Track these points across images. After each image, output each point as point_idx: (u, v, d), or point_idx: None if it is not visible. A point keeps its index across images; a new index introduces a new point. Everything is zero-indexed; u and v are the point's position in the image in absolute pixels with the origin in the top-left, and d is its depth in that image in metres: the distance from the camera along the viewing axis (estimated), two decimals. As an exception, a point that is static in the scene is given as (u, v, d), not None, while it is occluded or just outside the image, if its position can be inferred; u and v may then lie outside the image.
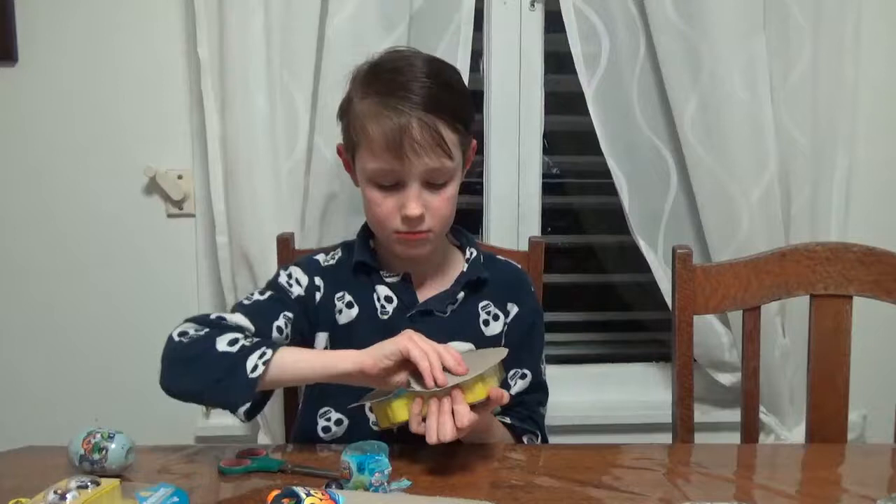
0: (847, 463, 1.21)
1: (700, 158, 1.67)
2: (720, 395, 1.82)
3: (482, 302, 1.30)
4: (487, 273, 1.30)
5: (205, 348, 1.09)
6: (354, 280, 1.28)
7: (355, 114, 1.19)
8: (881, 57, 1.77)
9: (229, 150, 1.60)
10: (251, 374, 1.05)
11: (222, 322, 1.15)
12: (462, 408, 1.03)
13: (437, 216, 1.21)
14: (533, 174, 1.83)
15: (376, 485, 0.97)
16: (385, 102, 1.15)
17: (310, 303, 1.26)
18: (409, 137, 1.14)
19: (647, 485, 1.05)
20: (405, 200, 1.18)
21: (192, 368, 1.09)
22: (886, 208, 1.82)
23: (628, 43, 1.70)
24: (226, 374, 1.06)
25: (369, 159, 1.18)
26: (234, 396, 1.06)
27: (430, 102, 1.16)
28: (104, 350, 1.76)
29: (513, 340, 1.29)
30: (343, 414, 1.26)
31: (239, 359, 1.07)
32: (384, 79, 1.19)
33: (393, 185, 1.18)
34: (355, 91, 1.21)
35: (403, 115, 1.14)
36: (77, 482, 0.91)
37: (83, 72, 1.67)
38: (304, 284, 1.26)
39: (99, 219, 1.72)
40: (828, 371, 1.37)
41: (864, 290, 1.37)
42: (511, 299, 1.32)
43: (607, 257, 2.06)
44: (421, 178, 1.18)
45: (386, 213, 1.19)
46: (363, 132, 1.18)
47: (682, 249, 1.36)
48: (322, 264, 1.31)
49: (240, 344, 1.09)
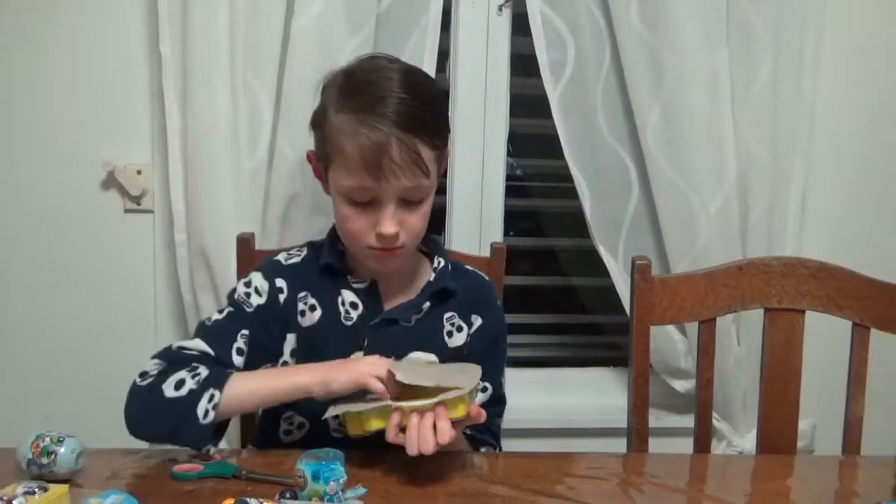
0: (796, 475, 1.23)
1: (661, 167, 1.68)
2: (675, 401, 1.84)
3: (447, 313, 1.29)
4: (455, 284, 1.29)
5: (154, 395, 1.10)
6: (320, 282, 1.26)
7: (332, 128, 1.16)
8: (840, 72, 1.80)
9: (190, 146, 1.58)
10: (203, 420, 1.08)
11: (181, 353, 1.16)
12: (444, 424, 1.03)
13: (411, 232, 1.19)
14: (497, 176, 1.83)
15: (331, 493, 0.96)
16: (362, 120, 1.12)
17: (273, 308, 1.24)
18: (387, 158, 1.11)
19: (601, 495, 1.07)
20: (380, 219, 1.16)
21: (149, 417, 1.11)
22: (841, 222, 1.86)
23: (594, 51, 1.71)
24: (179, 422, 1.08)
25: (345, 177, 1.15)
26: (193, 440, 1.09)
27: (409, 121, 1.13)
28: (57, 348, 1.72)
29: (475, 352, 1.29)
30: (305, 418, 1.25)
31: (189, 404, 1.08)
32: (361, 92, 1.15)
33: (367, 201, 1.16)
34: (330, 102, 1.18)
35: (382, 135, 1.11)
36: (24, 488, 0.89)
37: (41, 64, 1.64)
38: (265, 290, 1.24)
39: (55, 213, 1.69)
40: (780, 382, 1.40)
41: (817, 305, 1.40)
42: (476, 311, 1.31)
43: (568, 261, 2.08)
44: (397, 197, 1.16)
45: (359, 229, 1.18)
46: (339, 149, 1.15)
47: (641, 260, 1.38)
48: (284, 263, 1.28)
49: (187, 388, 1.10)
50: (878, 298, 1.39)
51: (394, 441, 1.05)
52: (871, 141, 1.86)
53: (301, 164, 1.60)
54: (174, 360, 1.15)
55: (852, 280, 1.40)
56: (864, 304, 1.39)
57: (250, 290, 1.24)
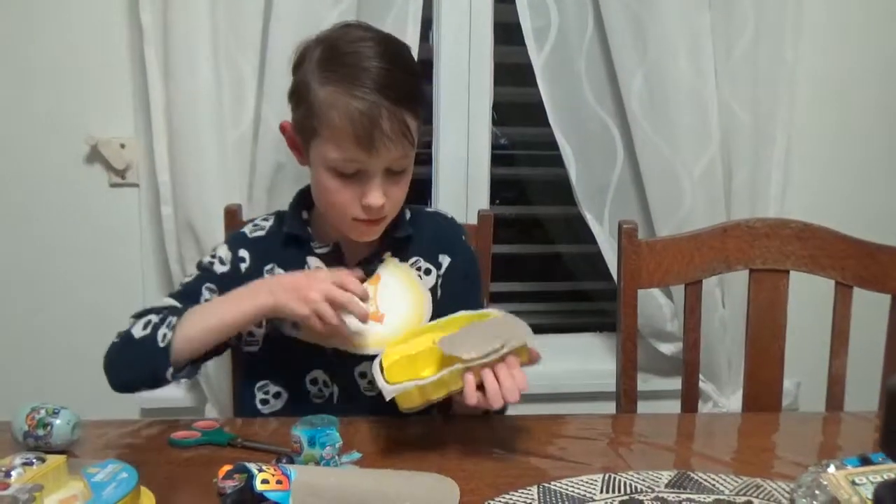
0: (781, 431, 1.26)
1: (645, 133, 1.70)
2: (662, 364, 1.87)
3: (411, 258, 1.28)
4: (412, 229, 1.28)
5: (126, 341, 1.15)
6: (284, 251, 1.26)
7: (317, 101, 1.14)
8: (820, 37, 1.81)
9: (173, 118, 1.57)
10: (161, 343, 1.11)
11: (151, 309, 1.19)
12: (519, 372, 1.05)
13: (394, 201, 1.20)
14: (482, 145, 1.84)
15: (327, 458, 0.97)
16: (350, 92, 1.11)
17: (236, 277, 1.23)
18: (378, 130, 1.11)
19: (591, 454, 1.08)
20: (368, 191, 1.15)
21: (120, 361, 1.16)
22: (823, 184, 1.88)
23: (577, 17, 1.72)
24: (143, 354, 1.12)
25: (333, 149, 1.14)
26: (153, 367, 1.12)
27: (396, 92, 1.13)
28: (46, 322, 1.72)
29: (450, 291, 1.28)
30: (281, 387, 1.26)
31: (151, 337, 1.13)
32: (344, 64, 1.14)
33: (353, 173, 1.16)
34: (311, 74, 1.15)
35: (372, 106, 1.11)
36: (22, 459, 0.89)
37: (19, 36, 1.62)
38: (228, 259, 1.25)
39: (39, 189, 1.68)
40: (764, 342, 1.42)
41: (801, 265, 1.41)
42: (442, 250, 1.30)
43: (554, 228, 2.09)
44: (384, 168, 1.16)
45: (344, 201, 1.17)
46: (327, 122, 1.13)
47: (627, 224, 1.39)
48: (249, 236, 1.28)
49: (152, 324, 1.14)
50: (860, 257, 1.41)
51: (473, 402, 1.03)
52: (852, 103, 1.88)
53: (286, 135, 1.60)
54: (144, 314, 1.18)
55: (835, 240, 1.42)
56: (846, 264, 1.41)
57: (214, 260, 1.26)
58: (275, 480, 0.84)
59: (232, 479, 0.86)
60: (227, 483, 0.87)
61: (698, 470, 1.01)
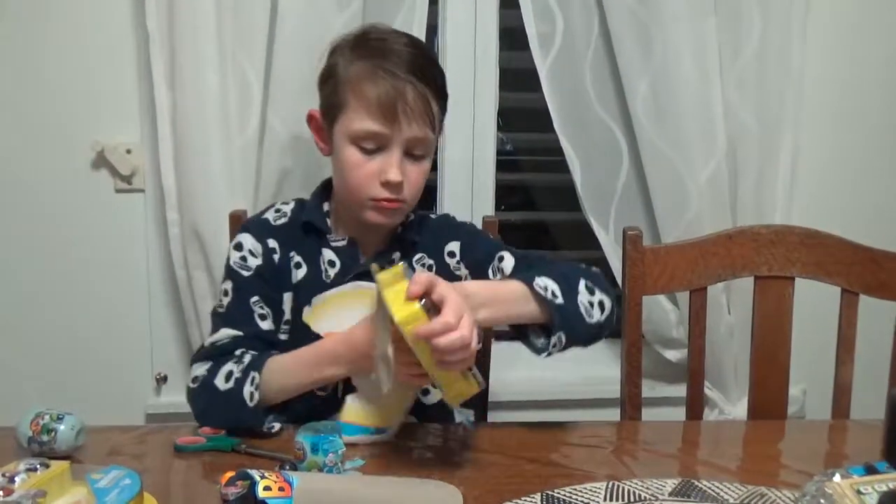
0: (786, 439, 1.25)
1: (651, 138, 1.69)
2: (667, 370, 1.86)
3: (416, 255, 1.31)
4: (418, 236, 1.31)
5: (211, 392, 1.16)
6: (304, 240, 1.28)
7: (345, 76, 1.20)
8: (828, 41, 1.80)
9: (179, 124, 1.57)
10: (250, 402, 1.13)
11: (217, 347, 1.21)
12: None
13: (413, 187, 1.23)
14: (487, 150, 1.83)
15: (330, 465, 0.98)
16: (379, 64, 1.18)
17: (270, 267, 1.26)
18: (402, 101, 1.16)
19: (595, 462, 1.08)
20: (386, 166, 1.19)
21: (212, 413, 1.17)
22: (829, 191, 1.87)
23: (582, 22, 1.71)
24: (235, 410, 1.14)
25: (357, 120, 1.18)
26: (250, 423, 1.14)
27: (422, 71, 1.19)
28: (51, 326, 1.72)
29: (474, 260, 1.30)
30: None
31: (237, 393, 1.14)
32: (374, 45, 1.21)
33: (375, 149, 1.19)
34: (342, 57, 1.23)
35: (399, 80, 1.17)
36: (26, 464, 0.89)
37: (28, 42, 1.62)
38: (259, 252, 1.26)
39: (45, 194, 1.68)
40: (770, 349, 1.42)
41: (806, 272, 1.41)
42: (448, 239, 1.32)
43: (559, 234, 2.08)
44: (404, 146, 1.19)
45: (364, 176, 1.20)
46: (355, 92, 1.18)
47: (632, 231, 1.39)
48: (273, 223, 1.30)
49: (234, 378, 1.15)
50: (866, 264, 1.41)
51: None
52: (859, 109, 1.86)
53: (292, 140, 1.60)
54: (216, 356, 1.20)
55: (841, 247, 1.41)
56: (852, 271, 1.40)
57: (244, 254, 1.26)
58: (277, 487, 0.85)
59: (234, 486, 0.86)
60: (230, 490, 0.87)
61: (703, 478, 1.01)
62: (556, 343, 1.11)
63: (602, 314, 1.15)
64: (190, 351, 1.71)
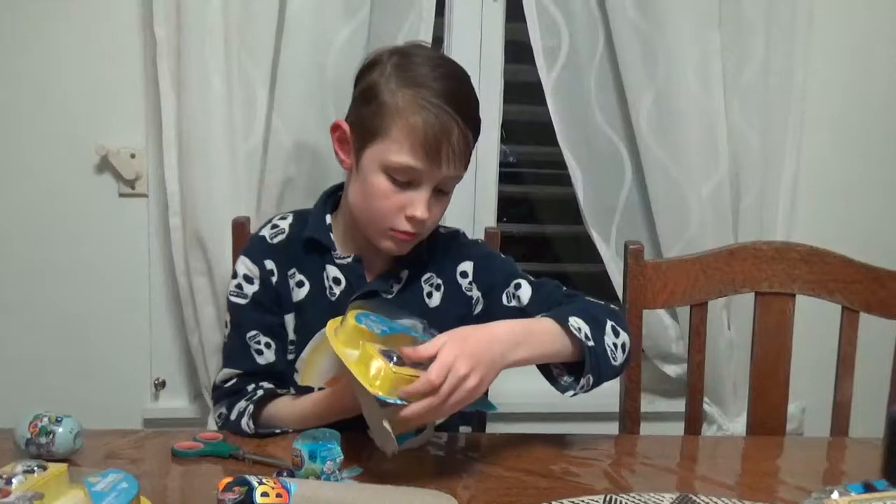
0: (785, 455, 1.25)
1: (654, 153, 1.70)
2: (666, 385, 1.86)
3: (425, 275, 1.28)
4: (427, 254, 1.28)
5: (232, 427, 1.19)
6: (305, 257, 1.26)
7: (392, 102, 1.14)
8: (831, 57, 1.81)
9: (184, 130, 1.58)
10: (264, 431, 1.16)
11: (225, 388, 1.24)
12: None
13: (433, 221, 1.21)
14: (490, 162, 1.84)
15: (328, 472, 0.97)
16: (429, 100, 1.13)
17: (268, 290, 1.24)
18: (447, 144, 1.13)
19: (593, 475, 1.08)
20: (416, 202, 1.16)
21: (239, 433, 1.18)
22: (831, 208, 1.88)
23: (588, 37, 1.72)
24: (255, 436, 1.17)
25: (396, 152, 1.14)
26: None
27: (468, 112, 1.17)
28: (52, 333, 1.72)
29: (485, 286, 1.28)
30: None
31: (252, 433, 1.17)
32: (423, 74, 1.16)
33: (406, 182, 1.16)
34: (388, 77, 1.16)
35: (448, 119, 1.13)
36: (23, 466, 0.89)
37: (33, 47, 1.63)
38: (256, 275, 1.24)
39: (49, 198, 1.68)
40: (770, 366, 1.42)
41: (807, 289, 1.41)
42: (459, 259, 1.30)
43: (561, 246, 2.08)
44: (437, 184, 1.17)
45: (389, 207, 1.17)
46: (399, 125, 1.13)
47: (633, 245, 1.39)
48: (270, 241, 1.27)
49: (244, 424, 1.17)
50: (867, 282, 1.41)
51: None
52: (862, 126, 1.87)
53: (296, 148, 1.61)
54: (227, 396, 1.23)
55: (842, 264, 1.42)
56: (853, 288, 1.41)
57: (240, 281, 1.25)
58: (274, 494, 0.84)
59: (232, 492, 0.86)
60: (227, 495, 0.87)
61: (701, 493, 1.01)
62: (584, 385, 1.12)
63: (623, 355, 1.17)
64: (190, 357, 1.71)
